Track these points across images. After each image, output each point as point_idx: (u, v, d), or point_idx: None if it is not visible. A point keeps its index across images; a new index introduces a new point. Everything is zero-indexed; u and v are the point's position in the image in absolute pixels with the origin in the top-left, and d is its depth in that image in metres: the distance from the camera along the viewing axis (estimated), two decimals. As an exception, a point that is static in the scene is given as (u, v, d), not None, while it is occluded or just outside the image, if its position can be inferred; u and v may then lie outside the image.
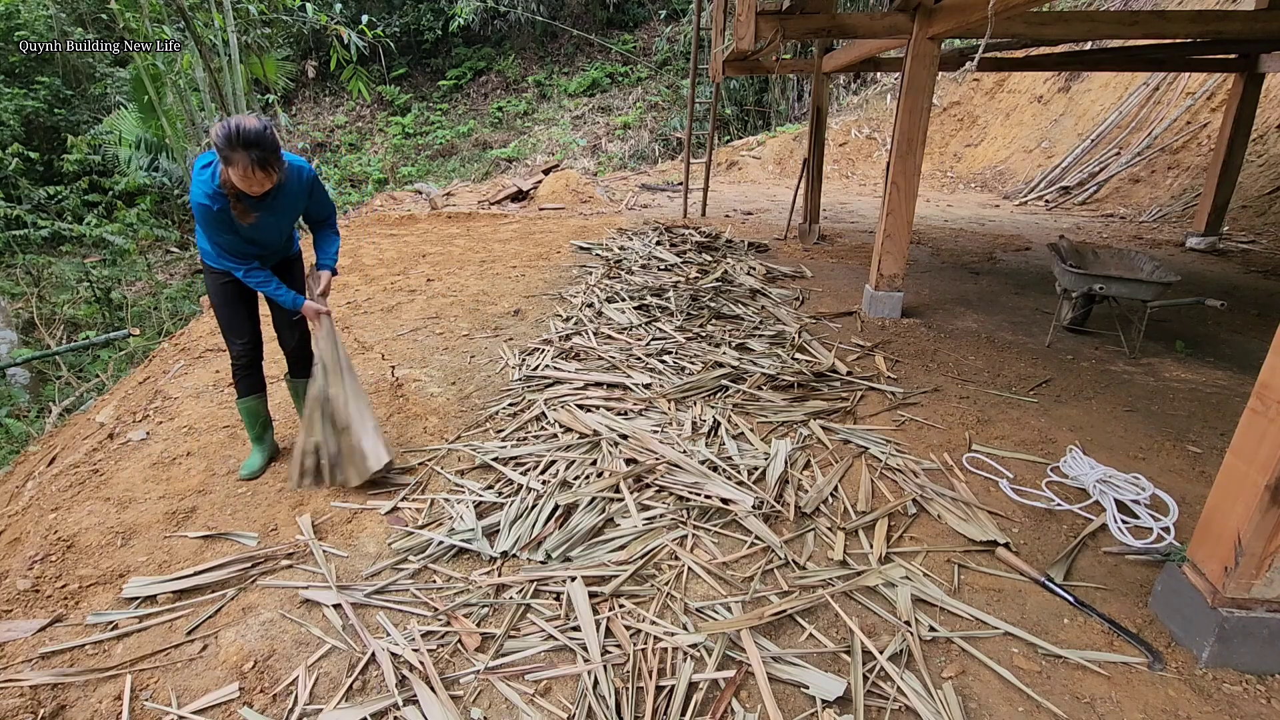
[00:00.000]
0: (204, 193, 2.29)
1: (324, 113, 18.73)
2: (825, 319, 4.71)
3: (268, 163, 2.18)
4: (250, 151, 2.13)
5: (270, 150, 2.17)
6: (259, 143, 2.14)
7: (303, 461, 2.57)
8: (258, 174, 2.17)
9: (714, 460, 2.74)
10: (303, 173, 2.50)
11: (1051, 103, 12.22)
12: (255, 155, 2.14)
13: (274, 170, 2.21)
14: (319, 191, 2.62)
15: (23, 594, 2.10)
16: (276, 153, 2.21)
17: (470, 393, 3.49)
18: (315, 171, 2.56)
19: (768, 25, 4.25)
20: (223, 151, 2.15)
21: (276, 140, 2.20)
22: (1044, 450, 2.98)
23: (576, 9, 18.68)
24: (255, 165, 2.15)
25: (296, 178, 2.47)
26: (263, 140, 2.15)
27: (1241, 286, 5.84)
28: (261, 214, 2.41)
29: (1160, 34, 4.43)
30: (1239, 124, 6.80)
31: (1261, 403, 1.71)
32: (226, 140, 2.12)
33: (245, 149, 2.13)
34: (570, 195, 10.06)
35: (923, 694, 1.70)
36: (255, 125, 2.14)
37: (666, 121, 16.42)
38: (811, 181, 7.40)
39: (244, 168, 2.14)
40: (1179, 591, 1.92)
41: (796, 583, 2.11)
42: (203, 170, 2.30)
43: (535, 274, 5.86)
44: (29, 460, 3.51)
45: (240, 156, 2.14)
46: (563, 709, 1.68)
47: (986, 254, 7.06)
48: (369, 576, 2.16)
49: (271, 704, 1.70)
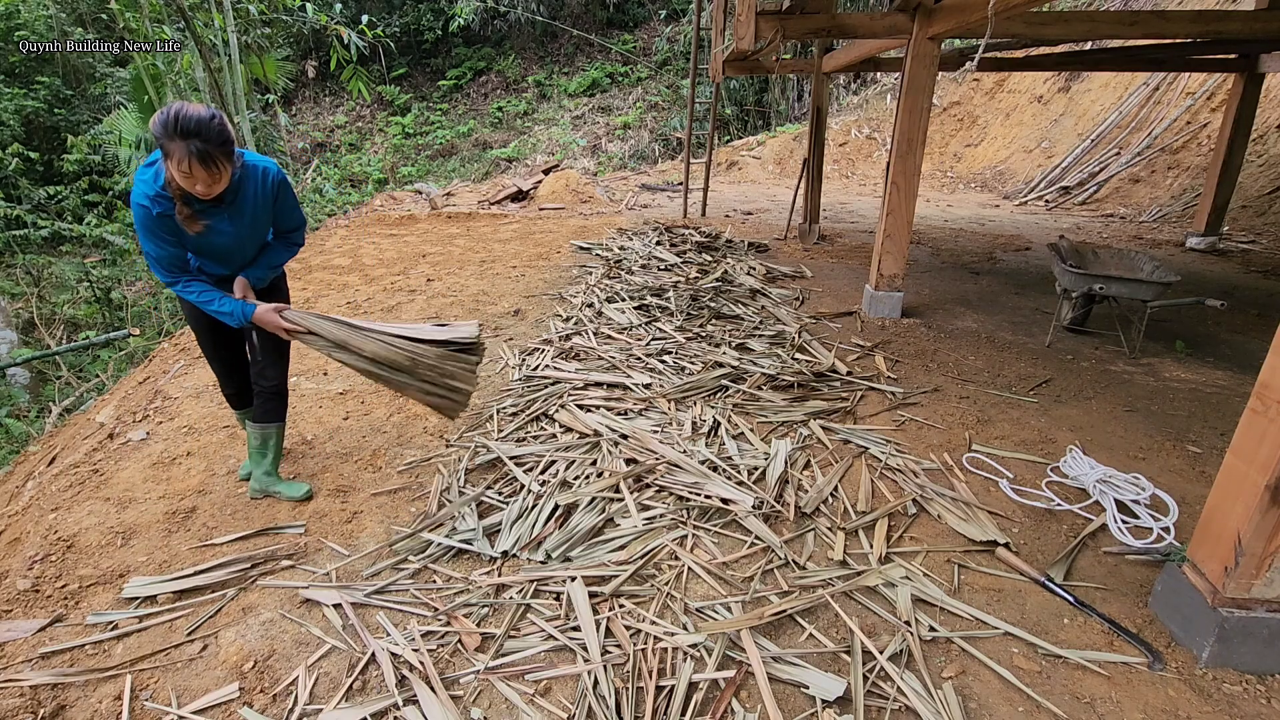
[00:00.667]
0: (143, 193, 1.99)
1: (324, 113, 18.73)
2: (825, 319, 4.71)
3: (210, 157, 1.88)
4: (190, 142, 1.84)
5: (214, 142, 1.88)
6: (199, 131, 1.85)
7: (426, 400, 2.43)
8: (197, 169, 1.88)
9: (714, 460, 2.74)
10: (268, 175, 2.19)
11: (1051, 103, 12.22)
12: (196, 147, 1.85)
13: (218, 167, 1.92)
14: (286, 197, 2.28)
15: (23, 594, 2.10)
16: (225, 146, 1.92)
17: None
18: (283, 174, 2.26)
19: (768, 25, 4.25)
20: (160, 141, 1.87)
21: (226, 131, 1.92)
22: (1044, 450, 2.98)
23: (576, 9, 18.68)
24: (195, 158, 1.86)
25: (259, 180, 2.16)
26: (205, 129, 1.86)
27: (1241, 286, 5.84)
28: (213, 222, 2.10)
29: (1160, 34, 4.43)
30: (1239, 124, 6.80)
31: (1261, 403, 1.71)
32: (163, 127, 1.85)
33: (184, 138, 1.84)
34: (570, 195, 10.06)
35: (923, 694, 1.70)
36: (199, 112, 1.87)
37: (666, 121, 16.43)
38: (811, 181, 7.40)
39: (180, 160, 1.86)
40: (1179, 591, 1.92)
41: (796, 583, 2.11)
42: (146, 168, 2.02)
43: (535, 274, 5.86)
44: (29, 460, 3.51)
45: (177, 147, 1.85)
46: (563, 709, 1.68)
47: (986, 254, 7.06)
48: (369, 576, 2.16)
49: (271, 704, 1.70)
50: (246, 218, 2.19)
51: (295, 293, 5.46)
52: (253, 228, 2.23)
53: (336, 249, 7.11)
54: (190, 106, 1.87)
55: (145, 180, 2.00)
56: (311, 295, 5.38)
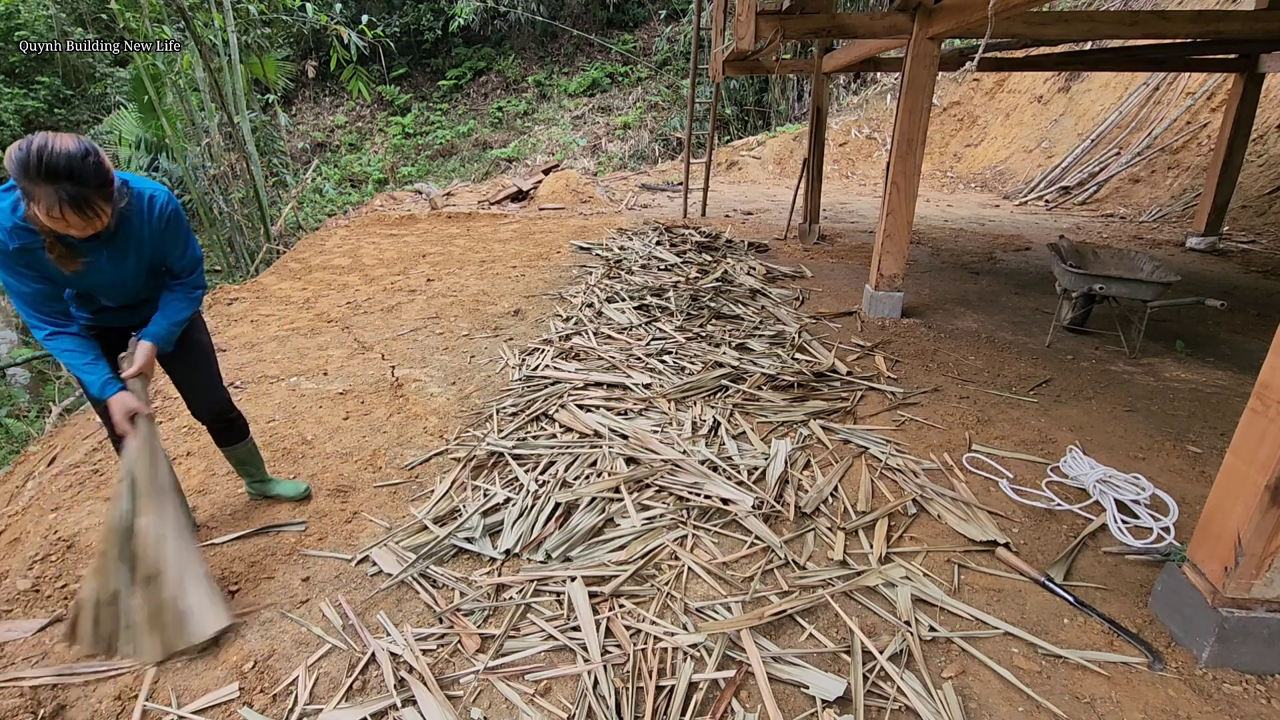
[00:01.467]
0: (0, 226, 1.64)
1: (324, 113, 18.73)
2: (825, 319, 4.71)
3: (86, 202, 1.57)
4: (59, 186, 1.52)
5: (90, 184, 1.56)
6: (72, 173, 1.53)
7: (95, 616, 1.80)
8: (71, 217, 1.57)
9: (714, 460, 2.74)
10: (154, 203, 1.85)
11: (1051, 103, 12.21)
12: (66, 192, 1.53)
13: (97, 212, 1.61)
14: (176, 232, 1.91)
15: (23, 594, 2.10)
16: (103, 188, 1.60)
17: (470, 393, 3.49)
18: (176, 204, 1.91)
19: (768, 25, 4.25)
20: (20, 183, 1.54)
21: (102, 168, 1.60)
22: (1044, 450, 2.98)
23: (576, 9, 18.68)
24: (67, 205, 1.54)
25: (144, 211, 1.83)
26: (78, 170, 1.54)
27: (1241, 286, 5.84)
28: (92, 259, 1.78)
29: (1160, 34, 4.43)
30: (1239, 124, 6.80)
31: (1261, 403, 1.71)
32: (22, 169, 1.51)
33: (50, 181, 1.52)
34: (570, 195, 10.06)
35: (923, 694, 1.70)
36: (69, 147, 1.54)
37: (666, 121, 16.42)
38: (811, 181, 7.40)
39: (49, 207, 1.54)
40: (1179, 591, 1.92)
41: (796, 583, 2.11)
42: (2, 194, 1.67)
43: (535, 274, 5.86)
44: (29, 460, 3.51)
45: (43, 192, 1.53)
46: (563, 709, 1.68)
47: (986, 254, 7.06)
48: (370, 577, 2.16)
49: (271, 704, 1.70)
50: (130, 255, 1.86)
51: (295, 293, 5.46)
52: (140, 260, 1.90)
53: (336, 249, 7.11)
54: (57, 140, 1.54)
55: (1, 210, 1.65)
56: (311, 295, 5.38)
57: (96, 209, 1.61)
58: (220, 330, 4.55)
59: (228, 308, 5.13)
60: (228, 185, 8.65)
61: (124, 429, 1.86)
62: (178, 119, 8.42)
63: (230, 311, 5.02)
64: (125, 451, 1.87)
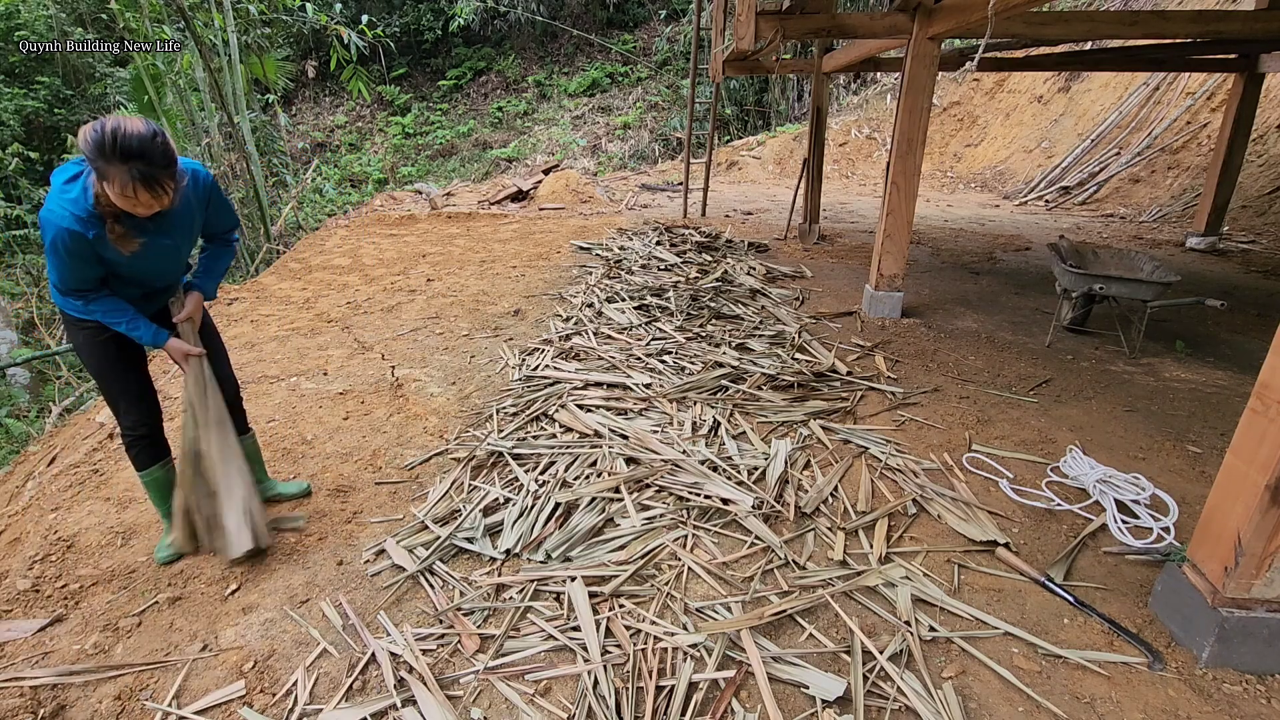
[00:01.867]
0: (73, 215, 1.76)
1: (324, 113, 18.73)
2: (825, 319, 4.71)
3: (156, 181, 1.71)
4: (132, 165, 1.66)
5: (161, 164, 1.71)
6: (144, 153, 1.67)
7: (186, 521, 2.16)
8: (142, 195, 1.71)
9: (714, 460, 2.74)
10: (197, 179, 2.02)
11: (1051, 103, 12.21)
12: (139, 171, 1.67)
13: (165, 189, 1.75)
14: (219, 201, 2.13)
15: (23, 594, 2.10)
16: (170, 167, 1.75)
17: (470, 393, 3.49)
18: (212, 177, 2.10)
19: (768, 25, 4.25)
20: (94, 162, 1.68)
21: (170, 151, 1.75)
22: (1044, 450, 2.98)
23: (576, 9, 18.68)
24: (139, 184, 1.68)
25: (191, 189, 1.99)
26: (149, 150, 1.68)
27: (1241, 286, 5.84)
28: (150, 238, 1.93)
29: (1160, 34, 4.43)
30: (1239, 124, 6.80)
31: (1261, 403, 1.71)
32: (98, 149, 1.65)
33: (124, 161, 1.66)
34: (570, 195, 10.06)
35: (923, 694, 1.70)
36: (140, 129, 1.68)
37: (666, 121, 16.43)
38: (811, 181, 7.40)
39: (123, 185, 1.68)
40: (1179, 591, 1.92)
41: (796, 583, 2.11)
42: (68, 185, 1.79)
43: (535, 274, 5.87)
44: (29, 460, 3.51)
45: (117, 171, 1.66)
46: (563, 709, 1.68)
47: (986, 254, 7.06)
48: (370, 577, 2.16)
49: (271, 704, 1.70)
50: (182, 231, 2.02)
51: (295, 293, 5.46)
52: (186, 239, 2.07)
53: (336, 249, 7.11)
54: (129, 123, 1.68)
55: (72, 199, 1.77)
56: (311, 295, 5.38)
57: (165, 186, 1.74)
58: (220, 330, 4.55)
59: (228, 308, 5.13)
60: (228, 185, 8.66)
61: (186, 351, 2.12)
62: (178, 119, 8.43)
63: (230, 311, 5.02)
64: (185, 388, 2.16)
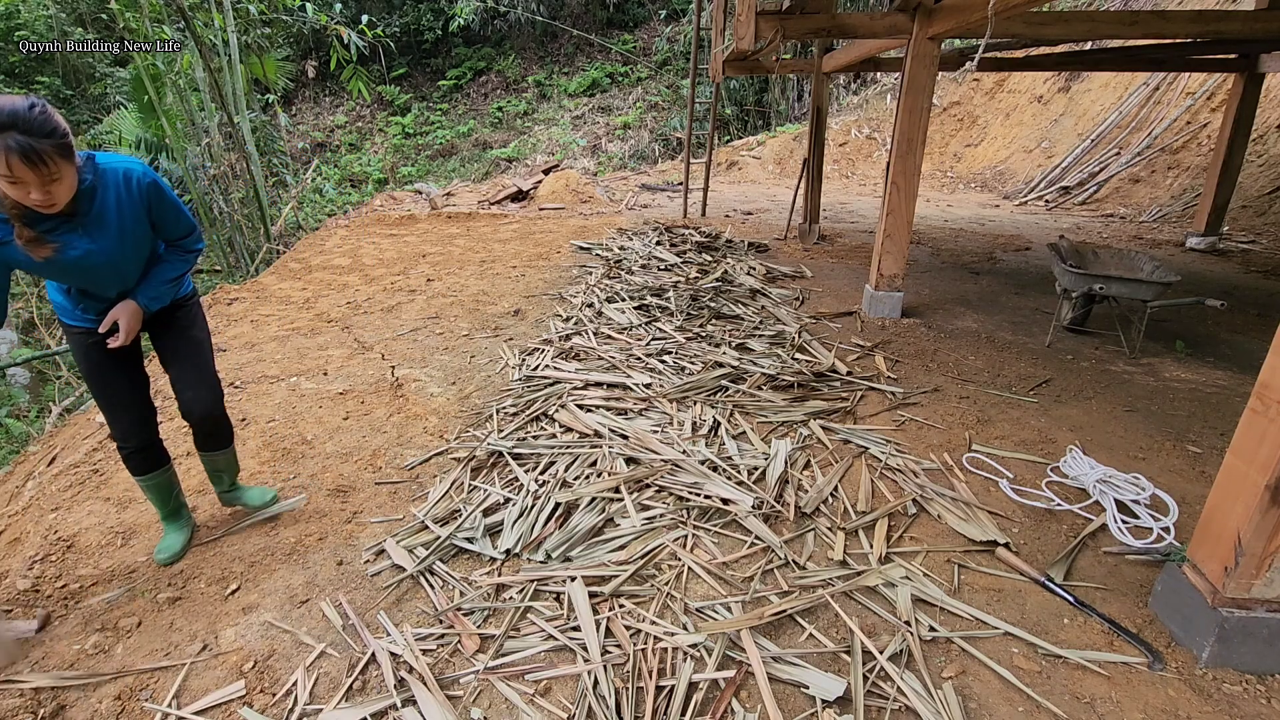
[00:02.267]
0: None
1: (324, 113, 18.73)
2: (825, 319, 4.71)
3: (35, 153, 1.50)
4: (6, 136, 1.47)
5: (38, 133, 1.50)
6: (15, 122, 1.48)
7: None
8: (21, 169, 1.50)
9: (714, 460, 2.74)
10: (130, 177, 1.79)
11: (1051, 103, 12.21)
12: (16, 141, 1.48)
13: (49, 165, 1.53)
14: (163, 203, 1.88)
15: (23, 594, 2.10)
16: (54, 137, 1.53)
17: (470, 393, 3.49)
18: (153, 175, 1.85)
19: (768, 25, 4.25)
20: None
21: (52, 120, 1.54)
22: (1044, 450, 2.98)
23: (576, 9, 18.68)
24: (16, 155, 1.48)
25: (121, 185, 1.77)
26: (22, 119, 1.49)
27: (1241, 286, 5.84)
28: (67, 240, 1.72)
29: (1160, 34, 4.43)
30: (1239, 124, 6.80)
31: (1261, 403, 1.71)
32: None
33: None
34: (570, 195, 10.06)
35: (923, 694, 1.70)
36: (13, 102, 1.50)
37: (666, 121, 16.42)
38: (811, 181, 7.40)
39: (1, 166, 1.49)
40: (1179, 591, 1.92)
41: (796, 583, 2.11)
42: None
43: (535, 274, 5.86)
44: (29, 460, 3.51)
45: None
46: (563, 709, 1.68)
47: (986, 254, 7.06)
48: (370, 577, 2.16)
49: (271, 704, 1.70)
50: (113, 231, 1.79)
51: (295, 293, 5.46)
52: (124, 242, 1.83)
53: (336, 249, 7.11)
54: (2, 98, 1.50)
55: None
56: (311, 295, 5.38)
57: (50, 161, 1.53)
58: (220, 330, 4.55)
59: (228, 308, 5.13)
60: (228, 185, 8.66)
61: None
62: (178, 119, 8.43)
63: (230, 311, 5.02)
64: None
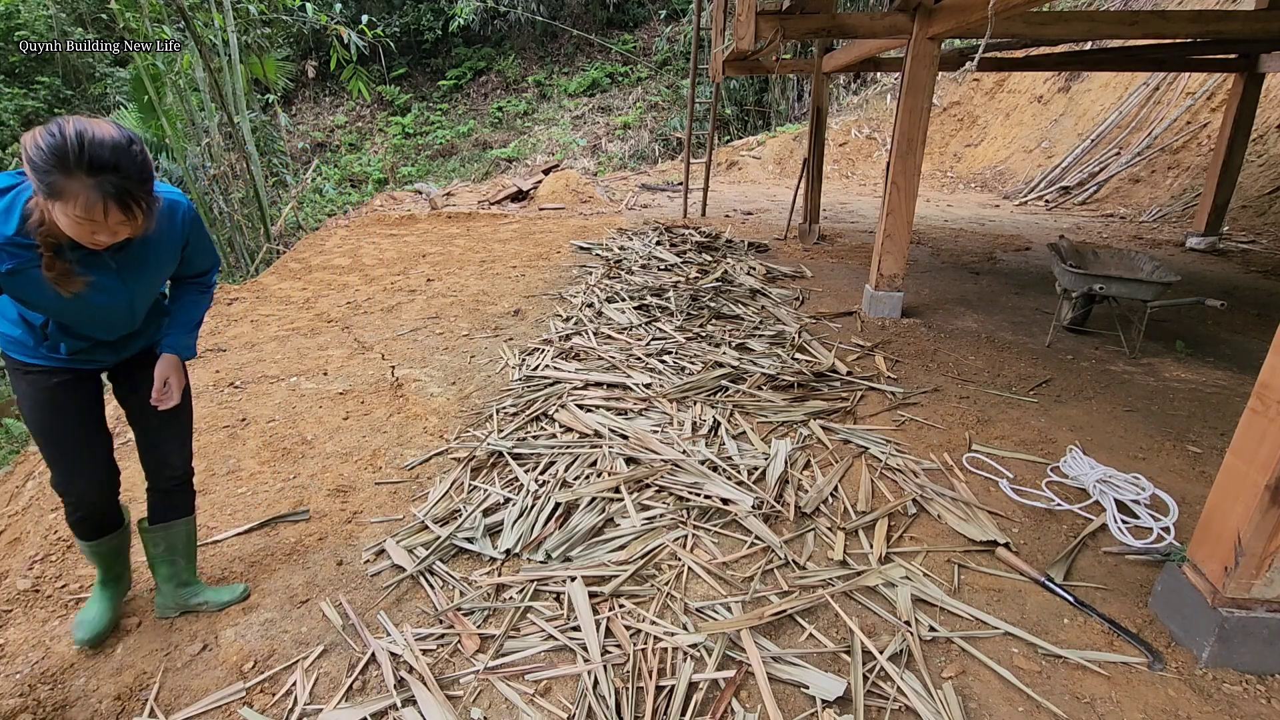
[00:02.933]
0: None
1: (324, 113, 18.73)
2: (825, 319, 4.71)
3: (131, 198, 1.31)
4: (103, 179, 1.26)
5: (135, 178, 1.31)
6: (116, 165, 1.28)
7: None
8: (114, 216, 1.31)
9: (714, 460, 2.74)
10: (176, 213, 1.59)
11: (1051, 103, 12.21)
12: (112, 186, 1.27)
13: (138, 211, 1.35)
14: (201, 237, 1.69)
15: (23, 594, 2.10)
16: (147, 183, 1.36)
17: (470, 393, 3.49)
18: (194, 209, 1.66)
19: (768, 25, 4.25)
20: (47, 176, 1.25)
21: (148, 161, 1.36)
22: (1044, 450, 2.98)
23: (576, 9, 18.67)
24: (112, 202, 1.28)
25: (168, 219, 1.57)
26: (124, 161, 1.29)
27: (1241, 286, 5.84)
28: (100, 278, 1.49)
29: (1160, 34, 4.43)
30: (1239, 124, 6.80)
31: (1261, 403, 1.71)
32: (58, 159, 1.24)
33: (94, 174, 1.25)
34: (570, 195, 10.06)
35: (923, 694, 1.70)
36: (114, 135, 1.29)
37: (666, 121, 16.42)
38: (811, 181, 7.40)
39: (88, 205, 1.27)
40: (1179, 591, 1.92)
41: (796, 583, 2.11)
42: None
43: (535, 274, 5.86)
44: (29, 460, 3.50)
45: (82, 187, 1.25)
46: (563, 709, 1.68)
47: (986, 254, 7.06)
48: (370, 577, 2.16)
49: (271, 704, 1.70)
50: (149, 270, 1.59)
51: (295, 293, 5.46)
52: (151, 283, 1.63)
53: (336, 249, 7.11)
54: (98, 127, 1.28)
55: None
56: (311, 295, 5.38)
57: (140, 206, 1.35)
58: (220, 330, 4.55)
59: (228, 308, 5.13)
60: (228, 185, 8.65)
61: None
62: (178, 119, 8.42)
63: (230, 311, 5.02)
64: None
